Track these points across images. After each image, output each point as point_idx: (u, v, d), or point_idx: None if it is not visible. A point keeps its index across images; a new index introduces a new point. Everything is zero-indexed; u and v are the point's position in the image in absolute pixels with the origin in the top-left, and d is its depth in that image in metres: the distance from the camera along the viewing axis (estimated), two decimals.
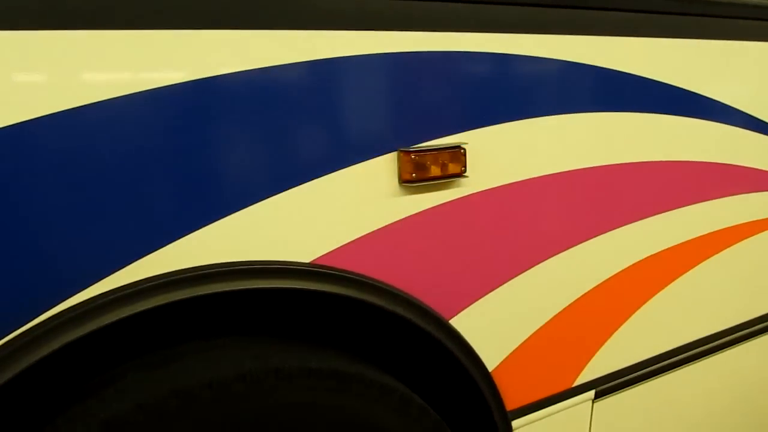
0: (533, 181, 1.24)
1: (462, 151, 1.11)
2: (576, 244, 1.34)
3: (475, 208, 1.17)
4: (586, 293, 1.39)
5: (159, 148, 0.86)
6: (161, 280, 0.86)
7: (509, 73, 1.19)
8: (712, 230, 1.61)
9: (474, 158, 1.13)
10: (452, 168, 1.10)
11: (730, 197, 1.64)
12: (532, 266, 1.28)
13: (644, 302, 1.52)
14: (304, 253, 1.00)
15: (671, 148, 1.47)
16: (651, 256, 1.50)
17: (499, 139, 1.17)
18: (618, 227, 1.41)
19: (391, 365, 1.19)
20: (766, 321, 1.84)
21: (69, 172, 0.80)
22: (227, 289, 0.92)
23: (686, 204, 1.53)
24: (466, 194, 1.15)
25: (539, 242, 1.29)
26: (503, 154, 1.18)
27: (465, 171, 1.11)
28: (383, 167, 1.05)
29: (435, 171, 1.08)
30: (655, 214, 1.48)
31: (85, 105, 0.80)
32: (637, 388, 1.54)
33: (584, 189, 1.33)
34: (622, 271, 1.45)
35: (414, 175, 1.06)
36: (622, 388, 1.51)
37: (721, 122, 1.57)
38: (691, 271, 1.60)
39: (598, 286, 1.40)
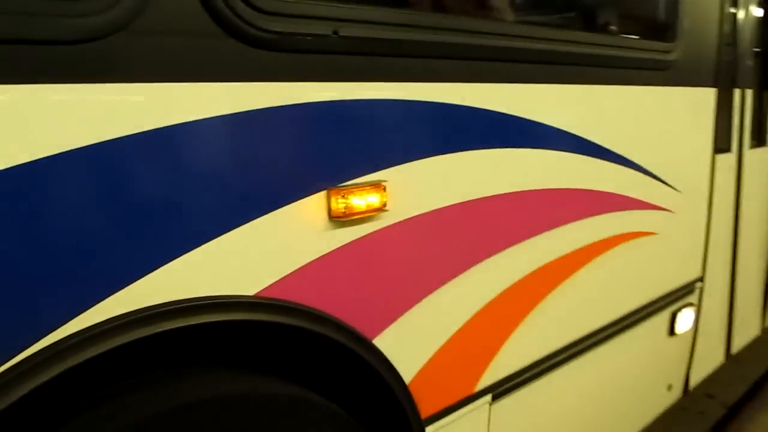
0: (439, 210, 1.39)
1: (383, 186, 1.23)
2: (471, 266, 1.51)
3: (393, 237, 1.30)
4: (479, 310, 1.56)
5: (108, 199, 0.91)
6: (127, 319, 0.91)
7: (418, 117, 1.33)
8: (581, 246, 1.86)
9: (393, 193, 1.26)
10: (376, 203, 1.22)
11: (593, 217, 1.90)
12: (439, 287, 1.43)
13: (525, 315, 1.72)
14: (250, 287, 1.07)
15: (550, 177, 1.70)
16: (531, 273, 1.70)
17: (413, 175, 1.31)
18: (506, 248, 1.60)
19: (325, 384, 1.28)
20: (623, 321, 2.13)
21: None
22: (175, 326, 0.98)
23: (561, 224, 1.76)
24: (387, 225, 1.27)
25: (444, 265, 1.44)
26: (416, 188, 1.33)
27: (386, 205, 1.24)
28: (314, 205, 1.15)
29: (359, 207, 1.20)
30: (535, 235, 1.69)
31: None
32: (525, 388, 1.74)
33: (480, 215, 1.50)
34: (507, 288, 1.64)
35: (343, 211, 1.17)
36: (513, 389, 1.70)
37: (593, 156, 1.83)
38: (561, 284, 1.83)
39: (488, 303, 1.58)
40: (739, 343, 3.13)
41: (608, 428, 2.25)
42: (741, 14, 2.73)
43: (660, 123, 2.20)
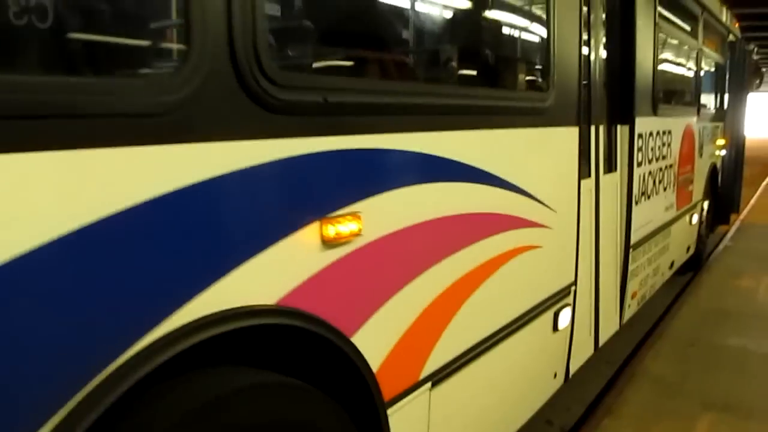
0: (399, 231, 1.76)
1: (359, 216, 1.58)
2: (415, 277, 1.88)
3: (365, 255, 1.65)
4: (419, 315, 1.93)
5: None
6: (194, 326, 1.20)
7: (379, 161, 1.70)
8: (489, 258, 2.29)
9: (366, 220, 1.61)
10: (354, 228, 1.57)
11: (499, 234, 2.35)
12: (395, 293, 1.79)
13: (450, 319, 2.11)
14: (270, 299, 1.38)
15: (467, 203, 2.12)
16: (455, 281, 2.10)
17: (378, 206, 1.67)
18: (439, 261, 1.99)
19: (311, 375, 1.59)
20: (520, 320, 2.59)
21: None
22: (225, 329, 1.27)
23: (476, 240, 2.19)
24: (362, 245, 1.62)
25: (397, 276, 1.80)
26: (379, 216, 1.69)
27: (362, 230, 1.59)
28: (310, 233, 1.48)
29: (344, 232, 1.54)
30: (458, 250, 2.09)
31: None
32: (454, 377, 2.12)
33: (419, 235, 1.89)
34: (438, 295, 2.02)
35: (336, 237, 1.50)
36: (445, 379, 2.08)
37: (498, 187, 2.29)
38: (476, 290, 2.24)
39: (424, 309, 1.95)
40: (603, 336, 3.73)
41: (512, 410, 2.69)
42: (594, 65, 3.35)
43: (540, 156, 2.71)
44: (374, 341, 1.71)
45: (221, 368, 1.38)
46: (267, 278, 1.37)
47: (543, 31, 2.71)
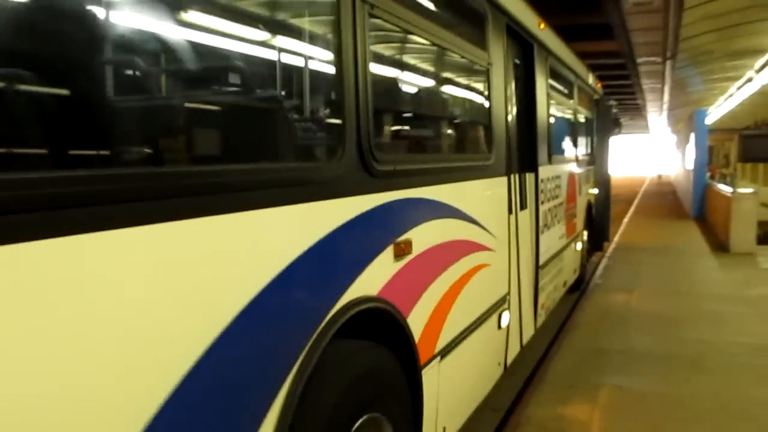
0: (426, 251, 2.69)
1: (411, 241, 2.51)
2: (432, 282, 2.81)
3: (413, 266, 2.56)
4: (436, 305, 2.84)
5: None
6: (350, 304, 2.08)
7: (416, 206, 2.64)
8: (463, 272, 3.26)
9: (414, 243, 2.54)
10: (408, 248, 2.49)
11: (470, 254, 3.33)
12: (424, 291, 2.70)
13: (447, 314, 3.04)
14: (374, 291, 2.26)
15: (457, 233, 3.10)
16: (449, 287, 3.05)
17: (418, 235, 2.60)
18: (443, 271, 2.94)
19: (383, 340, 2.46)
20: (479, 320, 3.56)
21: None
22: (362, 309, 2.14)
23: (458, 259, 3.15)
24: (410, 259, 2.54)
25: (427, 279, 2.72)
26: (419, 240, 2.62)
27: (412, 250, 2.51)
28: (388, 252, 2.38)
29: (407, 249, 2.45)
30: (450, 266, 3.05)
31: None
32: (450, 355, 3.05)
33: (435, 254, 2.82)
34: (441, 297, 2.95)
35: (400, 252, 2.42)
36: (447, 353, 3.00)
37: (469, 222, 3.29)
38: (457, 296, 3.20)
39: (438, 302, 2.88)
40: (525, 337, 4.79)
41: (478, 384, 3.64)
42: (512, 129, 4.47)
43: (487, 199, 3.75)
44: (416, 322, 2.61)
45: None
46: (372, 279, 2.25)
47: (486, 110, 3.79)
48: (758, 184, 22.15)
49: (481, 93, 3.82)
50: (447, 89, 3.81)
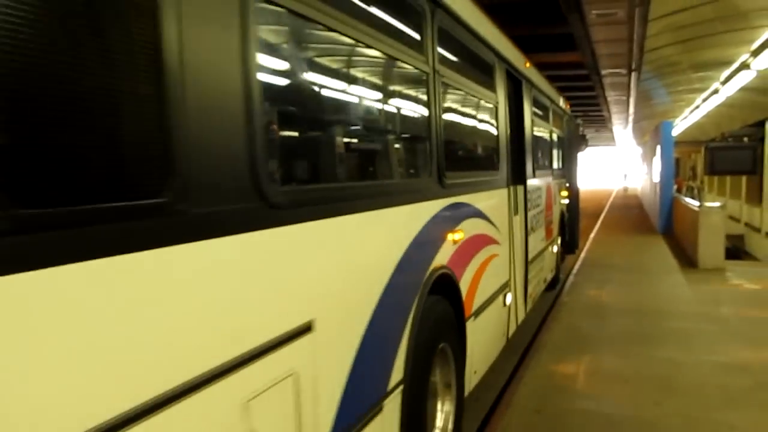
0: (468, 238, 3.81)
1: (462, 231, 3.63)
2: (471, 259, 3.92)
3: (462, 247, 3.68)
4: (472, 277, 3.95)
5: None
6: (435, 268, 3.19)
7: (462, 207, 3.77)
8: (483, 259, 4.39)
9: (462, 232, 3.66)
10: (459, 237, 3.62)
11: (489, 245, 4.47)
12: (467, 266, 3.82)
13: (478, 284, 4.15)
14: (443, 263, 3.38)
15: (481, 229, 4.24)
16: (479, 265, 4.17)
17: (463, 227, 3.73)
18: (475, 254, 4.06)
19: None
20: (493, 297, 4.70)
21: None
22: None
23: (483, 246, 4.28)
24: (460, 243, 3.66)
25: (469, 258, 3.84)
26: (464, 230, 3.74)
27: (462, 237, 3.64)
28: (450, 236, 3.49)
29: (457, 238, 3.58)
30: (480, 250, 4.17)
31: None
32: (478, 318, 4.16)
33: (468, 242, 3.94)
34: (476, 271, 4.06)
35: (455, 239, 3.54)
36: (476, 316, 4.11)
37: (488, 222, 4.46)
38: (484, 272, 4.32)
39: (473, 275, 3.98)
40: (519, 318, 5.94)
41: (489, 348, 4.75)
42: (508, 149, 5.63)
43: (497, 204, 4.89)
44: (463, 286, 3.72)
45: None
46: (443, 254, 3.36)
47: (494, 137, 4.96)
48: (725, 197, 22.40)
49: (491, 124, 4.99)
50: (472, 123, 4.96)
